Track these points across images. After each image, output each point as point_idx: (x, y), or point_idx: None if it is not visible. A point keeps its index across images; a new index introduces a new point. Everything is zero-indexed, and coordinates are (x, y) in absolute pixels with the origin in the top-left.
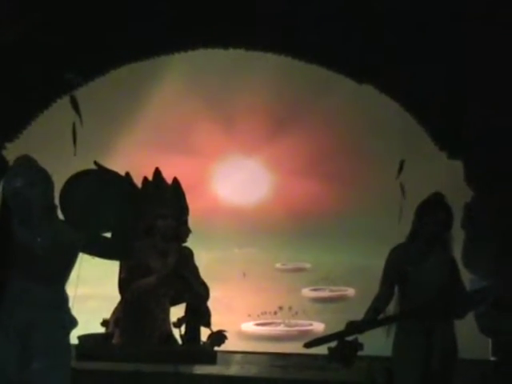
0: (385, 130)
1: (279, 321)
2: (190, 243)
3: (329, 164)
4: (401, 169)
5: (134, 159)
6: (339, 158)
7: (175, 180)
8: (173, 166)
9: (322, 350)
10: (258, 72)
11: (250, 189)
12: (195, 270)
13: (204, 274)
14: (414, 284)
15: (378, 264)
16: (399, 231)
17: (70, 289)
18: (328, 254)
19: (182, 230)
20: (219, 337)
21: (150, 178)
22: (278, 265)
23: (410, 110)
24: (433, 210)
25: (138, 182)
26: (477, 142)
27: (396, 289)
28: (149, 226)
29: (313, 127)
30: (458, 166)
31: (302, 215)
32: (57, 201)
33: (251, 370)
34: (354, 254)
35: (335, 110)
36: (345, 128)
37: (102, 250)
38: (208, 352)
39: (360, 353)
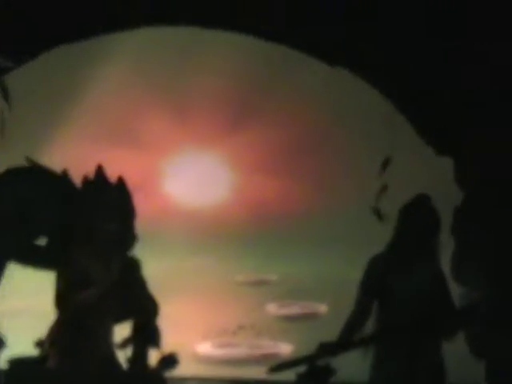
0: (362, 122)
1: (240, 342)
2: (137, 251)
3: (297, 160)
4: (385, 167)
5: (72, 154)
6: (309, 153)
7: (120, 178)
8: (117, 162)
9: (289, 375)
10: (216, 54)
11: (207, 188)
12: (143, 282)
13: (153, 286)
14: (395, 299)
15: (354, 275)
16: (379, 238)
17: None
18: (297, 264)
19: (127, 236)
20: (171, 360)
21: (91, 176)
22: (238, 276)
23: (392, 97)
24: (417, 214)
25: (77, 180)
26: (470, 136)
27: (375, 304)
28: (90, 231)
29: (279, 117)
30: (447, 163)
31: (267, 219)
32: None
33: None
34: (327, 263)
35: (305, 99)
36: (316, 119)
37: (34, 260)
38: (158, 377)
39: (333, 379)
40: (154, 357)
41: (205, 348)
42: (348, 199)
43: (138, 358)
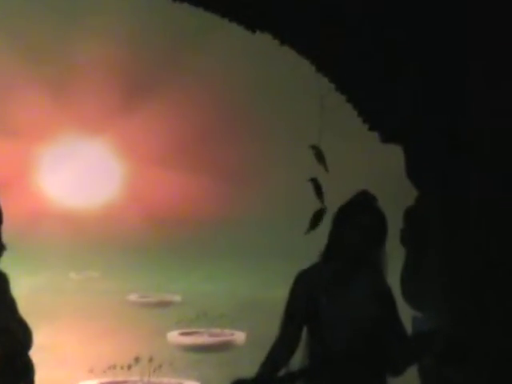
0: (291, 102)
1: (135, 378)
2: (3, 265)
3: (208, 150)
4: (319, 158)
5: None
6: (222, 141)
7: None
8: None
9: None
10: (107, 15)
11: (92, 185)
12: (11, 303)
13: (24, 309)
14: (329, 323)
15: (278, 295)
16: (312, 247)
17: None
18: (206, 282)
19: None
20: None
21: None
22: (132, 296)
23: (326, 70)
24: (356, 216)
25: None
26: (424, 117)
27: (304, 331)
28: None
29: (185, 96)
30: (396, 154)
31: (169, 224)
32: None
33: None
34: (244, 281)
35: (219, 73)
36: (233, 98)
37: None
38: None
39: None
40: None
41: None
42: (275, 199)
43: None
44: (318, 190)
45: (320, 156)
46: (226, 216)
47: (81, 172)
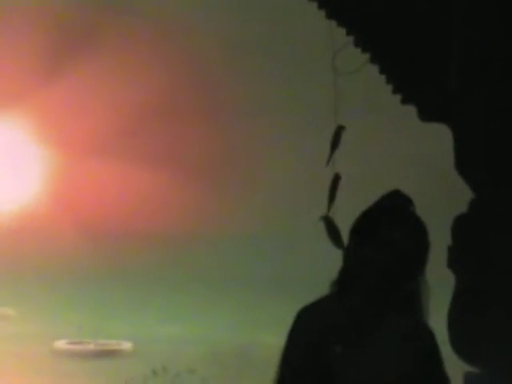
0: (284, 61)
1: None
2: None
3: (167, 133)
4: (335, 144)
5: None
6: (189, 119)
7: None
8: None
9: None
10: None
11: (0, 182)
12: None
13: None
14: (343, 381)
15: (268, 342)
16: (316, 273)
17: None
18: (165, 323)
19: None
20: None
21: None
22: (60, 342)
23: (341, 16)
24: (383, 229)
25: None
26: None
27: None
28: None
29: (135, 49)
30: (442, 138)
31: (112, 240)
32: None
33: None
34: (219, 322)
35: (183, 15)
36: (206, 55)
37: None
38: None
39: None
40: None
41: None
42: (264, 207)
43: None
44: (333, 191)
45: (337, 140)
46: (194, 228)
47: None
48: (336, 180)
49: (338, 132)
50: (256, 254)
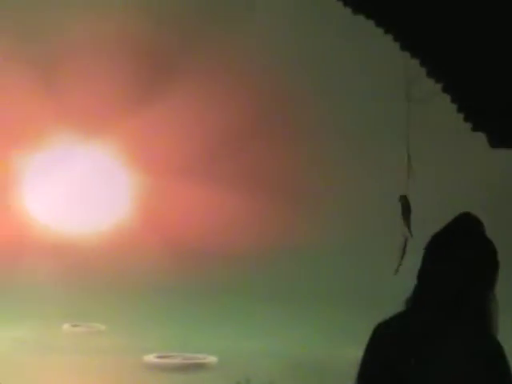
0: (370, 91)
1: None
2: None
3: (250, 157)
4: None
5: None
6: (265, 146)
7: None
8: None
9: None
10: None
11: (91, 205)
12: None
13: (1, 371)
14: None
15: (346, 356)
16: (391, 290)
17: None
18: (248, 338)
19: None
20: None
21: None
22: (149, 356)
23: (415, 49)
24: (455, 248)
25: None
26: None
27: None
28: None
29: (215, 86)
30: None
31: (196, 257)
32: None
33: None
34: (299, 337)
35: (256, 56)
36: (277, 90)
37: None
38: None
39: None
40: None
41: None
42: (342, 223)
43: None
44: (406, 213)
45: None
46: (274, 245)
47: (77, 187)
48: (406, 201)
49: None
50: (335, 268)
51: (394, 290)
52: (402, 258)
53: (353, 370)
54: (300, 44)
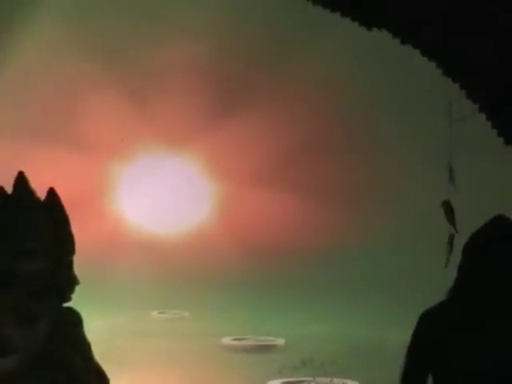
0: (412, 112)
1: None
2: (75, 302)
3: (312, 167)
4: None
5: None
6: (331, 157)
7: (52, 193)
8: (47, 169)
9: None
10: (193, 15)
11: (177, 208)
12: (85, 347)
13: (100, 354)
14: (460, 375)
15: (397, 340)
16: (437, 281)
17: None
18: (312, 323)
19: (61, 280)
20: None
21: (9, 188)
22: (226, 339)
23: (455, 75)
24: (490, 248)
25: None
26: None
27: (429, 381)
28: (4, 273)
29: (283, 107)
30: None
31: (267, 254)
32: None
33: None
34: (356, 322)
35: (324, 76)
36: (340, 106)
37: None
38: None
39: None
40: None
41: None
42: (399, 227)
43: None
44: (450, 214)
45: (451, 175)
46: (334, 245)
47: (164, 193)
48: (449, 205)
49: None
50: (386, 263)
51: (439, 282)
52: (450, 253)
53: (403, 350)
54: (361, 63)
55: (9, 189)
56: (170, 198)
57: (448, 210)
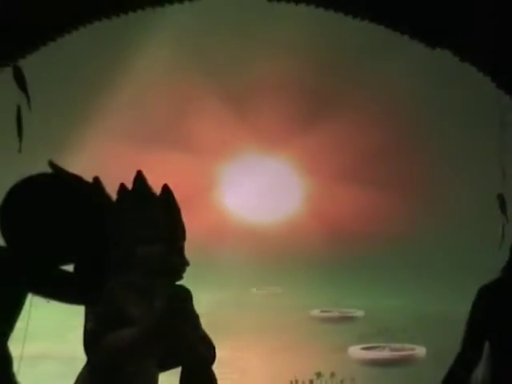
0: (471, 117)
1: None
2: (186, 281)
3: (387, 165)
4: (504, 210)
5: (104, 157)
6: (403, 156)
7: (166, 188)
8: (161, 168)
9: None
10: (284, 30)
11: (273, 201)
12: (195, 319)
13: (207, 324)
14: (509, 342)
15: (459, 311)
16: (495, 265)
17: (15, 347)
18: (388, 297)
19: (175, 262)
20: None
21: (129, 184)
22: (314, 312)
23: (508, 88)
24: None
25: (112, 190)
26: None
27: (487, 349)
28: (126, 256)
29: (368, 111)
30: None
31: (350, 240)
32: None
33: None
34: (424, 297)
35: (397, 87)
36: (411, 113)
37: (58, 291)
38: None
39: None
40: None
41: None
42: (456, 216)
43: None
44: (503, 206)
45: (503, 201)
46: (409, 231)
47: (262, 188)
48: (502, 198)
49: (503, 227)
50: (448, 247)
51: (493, 263)
52: (503, 238)
53: (465, 320)
54: (428, 77)
55: (129, 187)
56: (266, 193)
57: (502, 201)
